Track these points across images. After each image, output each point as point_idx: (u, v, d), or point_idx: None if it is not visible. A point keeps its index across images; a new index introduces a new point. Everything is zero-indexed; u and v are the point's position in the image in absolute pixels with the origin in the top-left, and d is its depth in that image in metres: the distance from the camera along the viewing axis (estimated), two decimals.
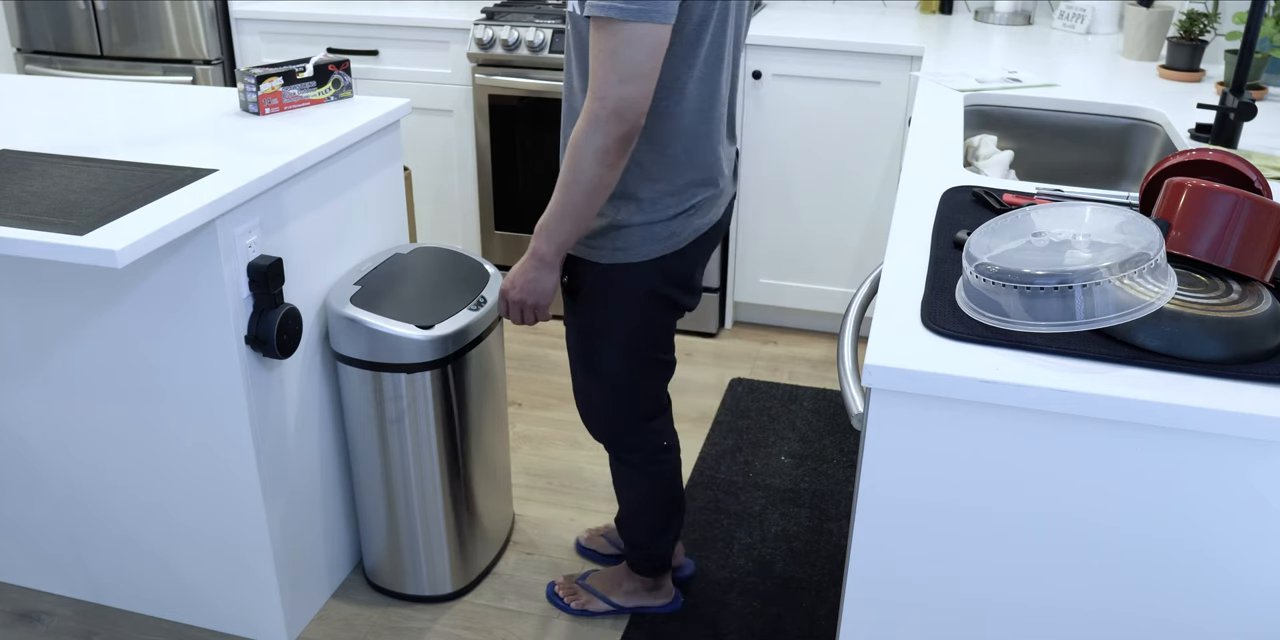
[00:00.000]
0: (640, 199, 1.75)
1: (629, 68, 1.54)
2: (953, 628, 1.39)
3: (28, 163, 1.90)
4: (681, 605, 2.27)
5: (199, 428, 1.99)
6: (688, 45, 1.64)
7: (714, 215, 1.85)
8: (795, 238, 3.31)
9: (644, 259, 1.79)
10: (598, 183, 1.63)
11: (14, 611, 2.27)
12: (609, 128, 1.57)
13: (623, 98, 1.55)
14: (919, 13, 3.47)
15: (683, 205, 1.78)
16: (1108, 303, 1.20)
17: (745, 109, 3.17)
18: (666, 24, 1.54)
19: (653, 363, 1.94)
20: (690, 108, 1.71)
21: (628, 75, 1.54)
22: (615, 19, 1.51)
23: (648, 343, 1.90)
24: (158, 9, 3.48)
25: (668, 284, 1.84)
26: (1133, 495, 1.24)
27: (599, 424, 2.03)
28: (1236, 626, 1.29)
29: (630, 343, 1.89)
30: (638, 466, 2.06)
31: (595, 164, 1.60)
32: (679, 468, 2.11)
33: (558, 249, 1.72)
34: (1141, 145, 2.42)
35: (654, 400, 2.00)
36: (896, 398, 1.26)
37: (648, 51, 1.54)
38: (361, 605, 2.30)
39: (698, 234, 1.82)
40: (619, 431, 2.02)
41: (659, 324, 1.90)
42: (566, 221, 1.68)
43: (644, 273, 1.80)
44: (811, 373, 3.23)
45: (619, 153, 1.60)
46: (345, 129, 2.09)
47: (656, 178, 1.74)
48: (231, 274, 1.84)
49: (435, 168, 3.51)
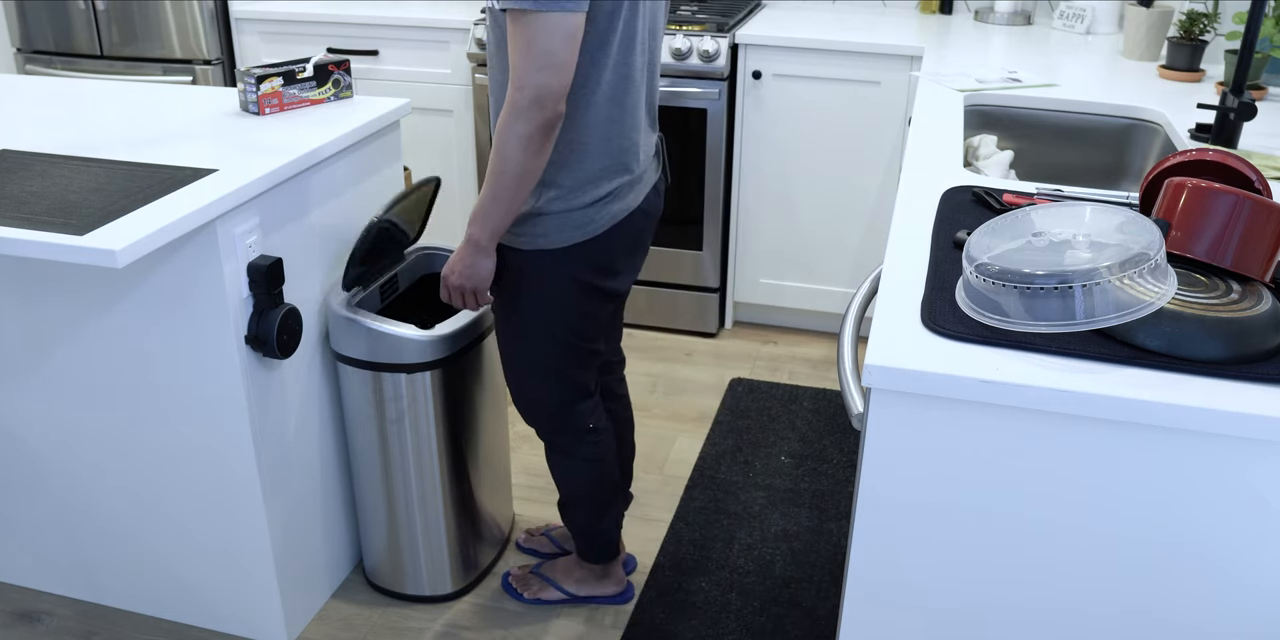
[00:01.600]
0: (560, 186, 1.80)
1: (545, 57, 1.59)
2: (953, 628, 1.39)
3: (28, 163, 1.90)
4: (634, 595, 2.30)
5: (199, 428, 1.99)
6: (600, 34, 1.69)
7: (632, 201, 1.89)
8: (795, 238, 3.31)
9: (562, 245, 1.84)
10: (523, 169, 1.69)
11: (14, 611, 2.27)
12: (530, 115, 1.63)
13: (541, 85, 1.61)
14: (919, 13, 3.47)
15: (599, 192, 1.83)
16: (1108, 303, 1.20)
17: (745, 109, 3.18)
18: (579, 13, 1.59)
19: (576, 350, 1.97)
20: (604, 96, 1.76)
21: (544, 64, 1.60)
22: (529, 10, 1.57)
23: (569, 329, 1.94)
24: (158, 9, 3.48)
25: (587, 270, 1.88)
26: (1133, 495, 1.24)
27: (526, 407, 2.06)
28: (1237, 626, 1.29)
29: (551, 329, 1.92)
30: (566, 449, 2.09)
31: (520, 151, 1.67)
32: (610, 451, 2.13)
33: (491, 234, 1.79)
34: (1141, 145, 2.42)
35: (580, 386, 2.03)
36: (896, 398, 1.26)
37: (561, 39, 1.59)
38: (361, 605, 2.30)
39: (615, 220, 1.86)
40: (545, 414, 2.05)
41: (580, 311, 1.93)
42: (498, 207, 1.74)
43: (563, 259, 1.85)
44: (811, 373, 3.23)
45: (542, 140, 1.66)
46: (345, 129, 2.09)
47: (573, 165, 1.79)
48: (231, 274, 1.84)
49: (435, 168, 3.51)
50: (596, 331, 1.98)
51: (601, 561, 2.26)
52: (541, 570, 2.32)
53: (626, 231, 1.89)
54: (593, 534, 2.21)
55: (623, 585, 2.29)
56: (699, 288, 3.37)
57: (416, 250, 2.26)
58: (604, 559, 2.25)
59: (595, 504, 2.16)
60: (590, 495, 2.15)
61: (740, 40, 3.09)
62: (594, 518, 2.18)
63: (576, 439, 2.08)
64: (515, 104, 1.63)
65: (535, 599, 2.29)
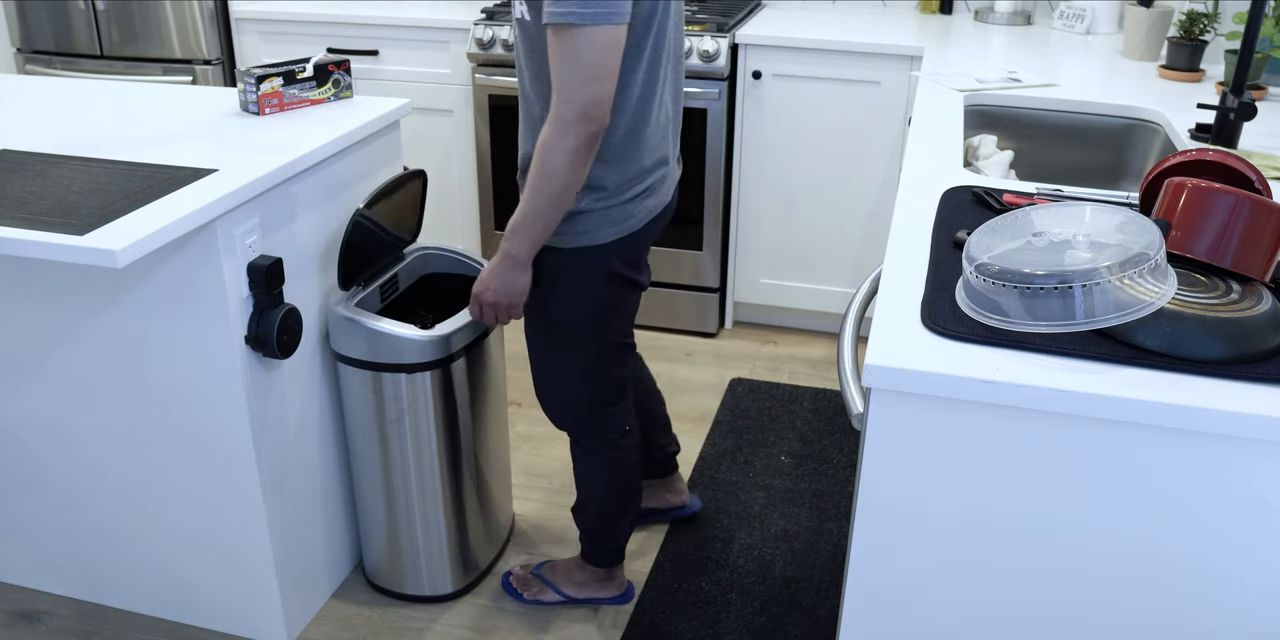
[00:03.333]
0: (604, 188, 1.81)
1: (591, 69, 1.59)
2: (953, 627, 1.39)
3: (28, 163, 1.90)
4: (634, 596, 2.30)
5: (199, 428, 1.99)
6: (637, 39, 1.70)
7: (664, 195, 1.92)
8: (795, 238, 3.31)
9: (604, 241, 1.85)
10: (567, 184, 1.69)
11: (14, 611, 2.27)
12: (578, 129, 1.63)
13: (588, 99, 1.61)
14: (919, 13, 3.47)
15: (639, 189, 1.85)
16: (1108, 303, 1.20)
17: (745, 109, 3.18)
18: (623, 24, 1.60)
19: (614, 346, 1.99)
20: (640, 97, 1.77)
21: (591, 76, 1.60)
22: (574, 25, 1.56)
23: (607, 325, 1.96)
24: (158, 9, 3.48)
25: (623, 264, 1.90)
26: (1133, 495, 1.24)
27: (561, 410, 2.07)
28: (1237, 626, 1.29)
29: (593, 325, 1.93)
30: (599, 452, 2.09)
31: (566, 166, 1.66)
32: (637, 455, 2.14)
33: (530, 248, 1.79)
34: (1141, 145, 2.42)
35: (617, 384, 2.04)
36: (896, 398, 1.26)
37: (607, 52, 1.60)
38: (361, 605, 2.30)
39: (650, 215, 1.89)
40: (581, 416, 2.06)
41: (617, 306, 1.95)
42: (540, 222, 1.74)
43: (603, 254, 1.86)
44: (811, 373, 3.23)
45: (587, 153, 1.67)
46: (345, 129, 2.09)
47: (615, 166, 1.80)
48: (231, 274, 1.84)
49: (435, 168, 3.51)
50: (628, 325, 2.01)
51: (606, 565, 2.25)
52: (542, 572, 2.32)
53: (656, 225, 1.93)
54: (604, 538, 2.20)
55: (623, 587, 2.29)
56: (699, 288, 3.37)
57: (416, 250, 2.26)
58: (609, 563, 2.25)
59: (614, 507, 2.15)
60: (611, 499, 2.14)
61: (740, 40, 3.09)
62: (610, 522, 2.17)
63: (612, 443, 2.08)
64: (563, 119, 1.62)
65: (535, 600, 2.29)
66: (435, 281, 2.30)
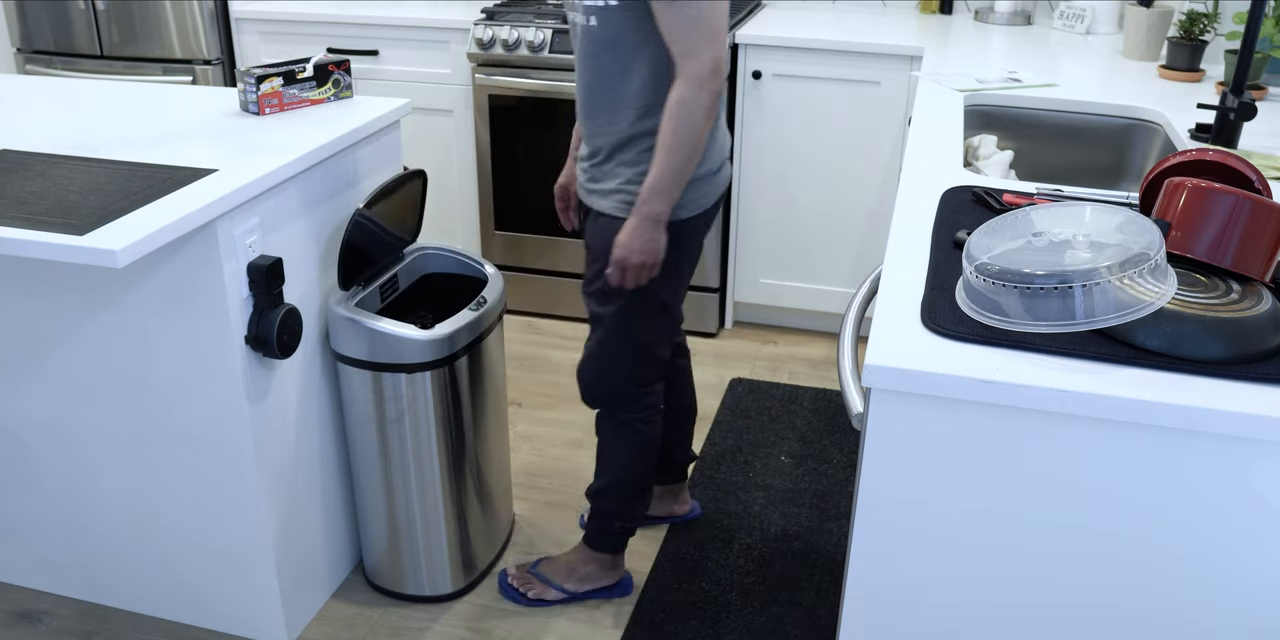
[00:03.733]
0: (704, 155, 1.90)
1: (714, 31, 1.73)
2: (953, 627, 1.39)
3: (28, 163, 1.90)
4: (633, 587, 2.31)
5: (199, 428, 1.99)
6: None
7: (727, 170, 2.03)
8: (795, 238, 3.31)
9: (694, 214, 1.93)
10: (700, 138, 1.81)
11: (14, 611, 2.27)
12: (711, 84, 1.75)
13: (716, 56, 1.75)
14: (919, 13, 3.47)
15: (717, 163, 1.96)
16: (1108, 303, 1.20)
17: (745, 109, 3.18)
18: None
19: (676, 321, 2.07)
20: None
21: (714, 35, 1.73)
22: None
23: (677, 299, 2.04)
24: (158, 9, 3.48)
25: (701, 237, 2.00)
26: (1133, 495, 1.24)
27: (605, 385, 2.10)
28: (1237, 626, 1.29)
29: (667, 299, 2.01)
30: (633, 426, 2.13)
31: (703, 120, 1.78)
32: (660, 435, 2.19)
33: (668, 207, 1.87)
34: (1141, 145, 2.42)
35: (663, 363, 2.11)
36: (896, 398, 1.26)
37: (722, 14, 1.75)
38: (361, 605, 2.30)
39: (721, 189, 2.00)
40: (626, 392, 2.10)
41: (686, 281, 2.03)
42: (680, 178, 1.84)
43: (694, 226, 1.95)
44: (811, 373, 3.23)
45: (715, 108, 1.80)
46: (345, 129, 2.09)
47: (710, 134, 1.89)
48: (231, 274, 1.84)
49: (435, 168, 3.51)
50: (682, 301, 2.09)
51: (611, 551, 2.26)
52: (539, 569, 2.32)
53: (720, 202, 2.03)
54: (623, 517, 2.22)
55: (621, 574, 2.30)
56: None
57: (416, 250, 2.26)
58: (614, 549, 2.26)
59: (634, 486, 2.19)
60: (632, 478, 2.18)
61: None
62: (630, 500, 2.20)
63: (646, 419, 2.13)
64: (698, 75, 1.74)
65: (539, 600, 2.28)
66: (435, 281, 2.30)
